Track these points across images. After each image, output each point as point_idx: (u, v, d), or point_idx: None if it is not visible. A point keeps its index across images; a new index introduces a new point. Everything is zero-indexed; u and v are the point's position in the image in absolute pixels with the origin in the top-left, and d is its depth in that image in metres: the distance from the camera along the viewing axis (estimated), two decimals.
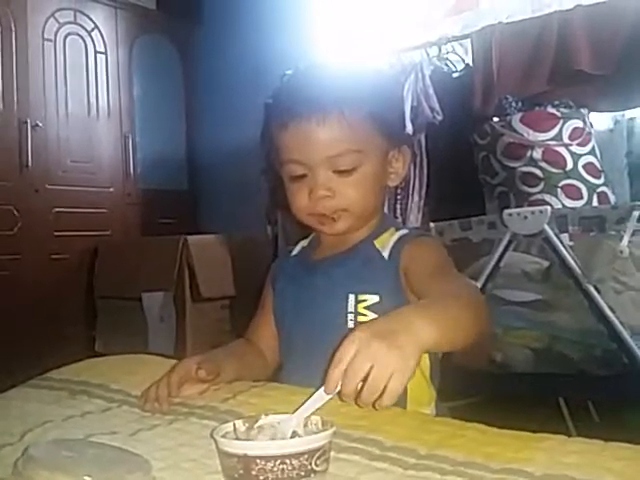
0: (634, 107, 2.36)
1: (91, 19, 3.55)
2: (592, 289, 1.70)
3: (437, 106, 2.49)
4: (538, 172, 2.19)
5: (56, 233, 3.27)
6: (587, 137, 2.22)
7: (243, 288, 3.01)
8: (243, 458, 0.59)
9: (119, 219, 3.55)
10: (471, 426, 0.72)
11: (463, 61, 2.67)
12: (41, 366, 1.08)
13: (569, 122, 2.20)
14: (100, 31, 3.58)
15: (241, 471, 0.59)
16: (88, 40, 3.53)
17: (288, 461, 0.58)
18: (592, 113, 2.30)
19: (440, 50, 2.68)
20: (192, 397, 0.86)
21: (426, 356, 0.96)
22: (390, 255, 0.97)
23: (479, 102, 2.41)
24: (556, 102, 2.25)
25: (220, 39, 3.80)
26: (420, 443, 0.67)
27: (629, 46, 2.14)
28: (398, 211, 2.55)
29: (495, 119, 2.32)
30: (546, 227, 1.75)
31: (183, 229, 3.34)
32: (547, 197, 2.15)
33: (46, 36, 3.33)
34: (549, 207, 1.80)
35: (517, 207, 2.06)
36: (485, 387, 1.80)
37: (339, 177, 0.94)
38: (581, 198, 2.15)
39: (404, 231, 1.01)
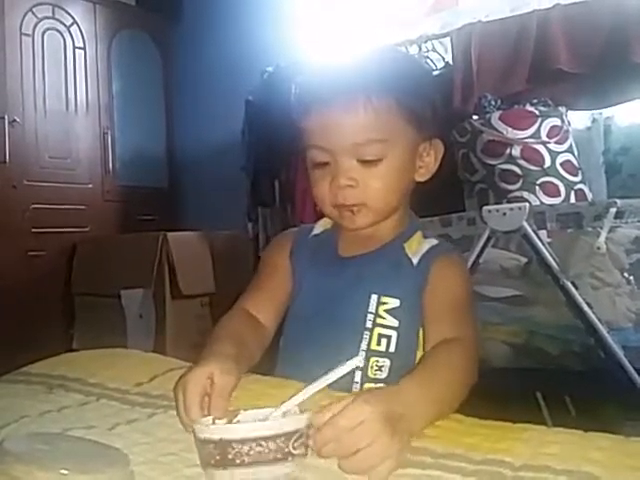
0: (611, 106, 2.38)
1: (70, 14, 3.51)
2: (570, 285, 1.71)
3: None
4: (517, 169, 2.20)
5: (34, 230, 3.23)
6: (565, 135, 2.24)
7: (223, 285, 3.00)
8: (219, 443, 0.59)
9: (98, 216, 3.51)
10: (450, 417, 0.72)
11: (443, 59, 2.68)
12: (18, 364, 1.07)
13: (547, 120, 2.21)
14: (79, 26, 3.55)
15: (218, 457, 0.59)
16: (67, 35, 3.49)
17: (264, 443, 0.58)
18: (570, 111, 2.32)
19: (420, 48, 2.69)
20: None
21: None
22: (419, 262, 0.94)
23: (459, 100, 2.42)
24: (534, 100, 2.26)
25: (200, 35, 3.78)
26: None
27: (607, 45, 2.16)
28: None
29: (474, 117, 2.32)
30: (524, 224, 1.76)
31: (163, 226, 3.31)
32: (525, 194, 2.16)
33: (24, 31, 3.29)
34: (527, 204, 1.81)
35: (496, 204, 2.07)
36: None
37: (363, 167, 0.90)
38: (559, 195, 2.16)
39: (434, 241, 0.98)
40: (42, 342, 2.45)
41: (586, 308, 1.69)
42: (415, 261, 0.94)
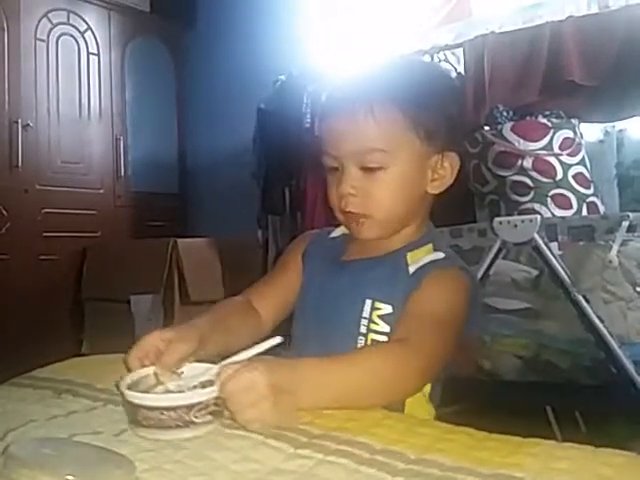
0: (624, 118, 2.38)
1: (84, 20, 3.54)
2: (581, 298, 1.70)
3: None
4: (528, 181, 2.20)
5: (45, 234, 3.25)
6: (577, 147, 2.23)
7: (232, 292, 2.98)
8: (132, 405, 0.71)
9: (109, 221, 3.53)
10: (459, 430, 0.71)
11: (455, 70, 2.68)
12: (27, 368, 1.07)
13: (560, 132, 2.21)
14: (93, 32, 3.58)
15: (131, 416, 0.72)
16: (81, 41, 3.53)
17: (166, 412, 0.69)
18: (582, 124, 2.31)
19: (432, 59, 2.69)
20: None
21: None
22: (415, 273, 0.93)
23: (470, 111, 2.41)
24: (547, 112, 2.25)
25: (213, 43, 3.80)
26: (408, 446, 0.67)
27: (620, 57, 2.15)
28: None
29: (486, 128, 2.32)
30: (536, 236, 1.75)
31: (173, 232, 3.34)
32: (537, 206, 2.15)
33: (39, 36, 3.33)
34: (539, 216, 1.81)
35: (507, 215, 2.07)
36: (472, 394, 1.79)
37: (366, 175, 0.92)
38: (571, 208, 2.16)
39: (440, 254, 0.96)
40: (51, 346, 2.46)
41: (597, 322, 1.67)
42: (411, 270, 0.93)
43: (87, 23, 3.55)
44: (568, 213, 2.13)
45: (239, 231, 3.17)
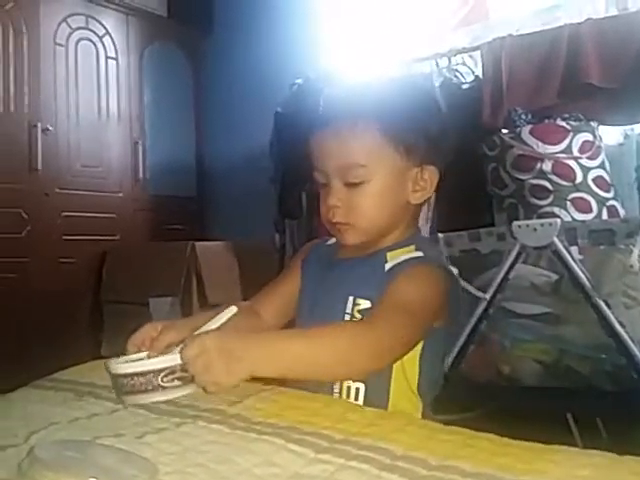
0: None
1: (103, 25, 3.57)
2: (602, 303, 1.68)
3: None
4: (547, 185, 2.18)
5: (65, 237, 3.27)
6: (597, 150, 2.21)
7: (250, 295, 2.99)
8: (113, 375, 0.79)
9: (128, 224, 3.55)
10: (481, 436, 0.71)
11: (473, 73, 2.67)
12: (47, 370, 1.08)
13: (579, 135, 2.19)
14: (111, 37, 3.60)
15: (114, 387, 0.80)
16: (99, 45, 3.55)
17: (136, 378, 0.76)
18: (602, 127, 2.29)
19: (450, 61, 2.68)
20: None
21: (415, 366, 0.98)
22: (391, 269, 0.99)
23: (488, 114, 2.40)
24: (566, 115, 2.24)
25: (230, 47, 3.82)
26: (430, 452, 0.66)
27: (639, 60, 2.14)
28: None
29: (504, 131, 2.31)
30: (555, 240, 1.74)
31: (191, 235, 3.35)
32: (556, 210, 2.14)
33: (58, 41, 3.35)
34: (558, 220, 1.79)
35: (526, 219, 2.05)
36: (492, 400, 1.78)
37: (349, 189, 0.99)
38: (591, 211, 2.14)
39: (419, 253, 1.01)
40: (70, 349, 2.48)
41: (618, 327, 1.66)
42: (387, 267, 0.99)
43: (105, 28, 3.58)
44: (588, 217, 2.10)
45: (256, 234, 3.18)
